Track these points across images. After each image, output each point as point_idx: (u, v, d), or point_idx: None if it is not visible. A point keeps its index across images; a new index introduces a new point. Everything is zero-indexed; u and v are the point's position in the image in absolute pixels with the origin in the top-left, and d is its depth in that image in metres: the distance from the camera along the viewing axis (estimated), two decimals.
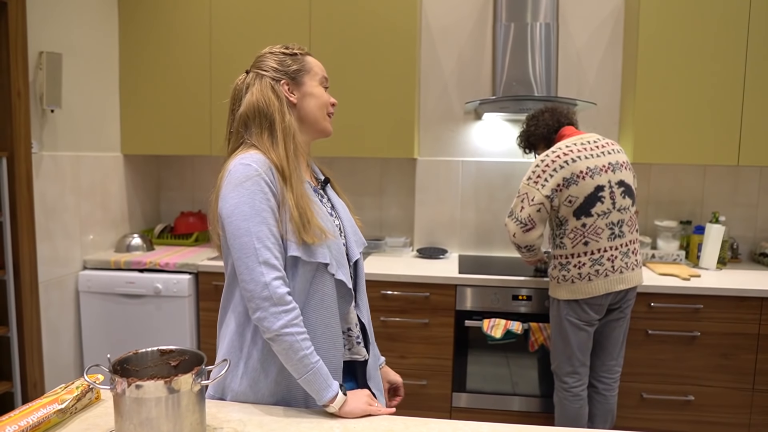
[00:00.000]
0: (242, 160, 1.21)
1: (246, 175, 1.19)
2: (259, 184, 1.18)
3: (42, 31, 2.47)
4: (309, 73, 1.35)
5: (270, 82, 1.30)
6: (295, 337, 1.16)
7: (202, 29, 2.92)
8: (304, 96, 1.33)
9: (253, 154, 1.22)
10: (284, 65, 1.33)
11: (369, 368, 1.39)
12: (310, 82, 1.35)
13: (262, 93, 1.28)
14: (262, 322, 1.17)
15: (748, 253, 3.06)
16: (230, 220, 1.18)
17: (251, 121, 1.28)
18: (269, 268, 1.16)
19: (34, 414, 1.10)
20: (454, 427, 1.17)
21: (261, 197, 1.18)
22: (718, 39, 2.62)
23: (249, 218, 1.17)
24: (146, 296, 2.72)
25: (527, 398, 2.65)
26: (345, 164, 3.27)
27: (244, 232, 1.17)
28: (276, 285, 1.16)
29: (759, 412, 2.50)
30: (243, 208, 1.17)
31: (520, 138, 2.49)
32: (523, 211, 2.22)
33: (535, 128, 2.39)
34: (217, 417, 1.19)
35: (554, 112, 2.38)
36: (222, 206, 1.20)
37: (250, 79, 1.32)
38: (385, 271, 2.66)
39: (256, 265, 1.16)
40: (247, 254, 1.16)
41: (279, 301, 1.16)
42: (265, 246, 1.17)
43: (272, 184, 1.20)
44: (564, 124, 2.36)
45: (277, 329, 1.16)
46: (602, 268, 2.17)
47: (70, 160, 2.68)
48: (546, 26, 2.81)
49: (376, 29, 2.81)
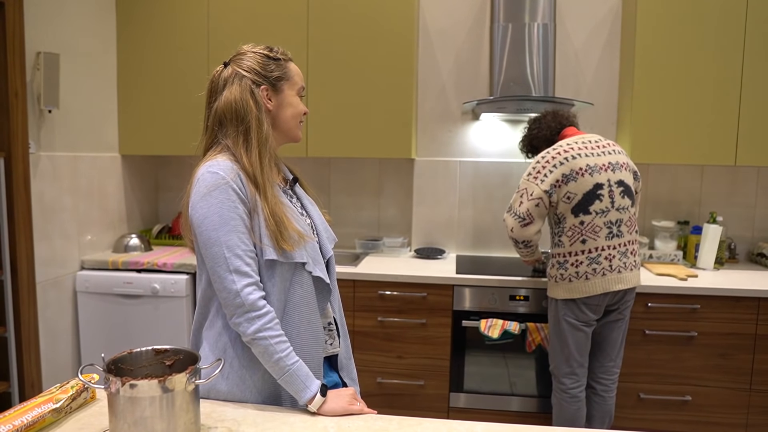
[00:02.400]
0: (210, 168, 1.21)
1: (214, 183, 1.19)
2: (226, 192, 1.19)
3: (39, 31, 2.47)
4: (289, 81, 1.34)
5: (250, 85, 1.28)
6: (269, 341, 1.19)
7: (200, 29, 2.93)
8: (281, 104, 1.32)
9: (221, 161, 1.22)
10: (267, 69, 1.30)
11: (341, 359, 1.43)
12: (289, 91, 1.34)
13: (241, 95, 1.26)
14: (238, 327, 1.20)
15: (745, 253, 3.06)
16: (200, 230, 1.20)
17: (227, 121, 1.27)
18: (240, 276, 1.18)
19: (29, 413, 1.10)
20: (449, 426, 1.17)
21: (229, 206, 1.19)
22: (715, 39, 2.62)
23: (218, 228, 1.18)
24: (144, 296, 2.72)
25: (525, 398, 2.65)
26: (343, 164, 3.27)
27: (214, 241, 1.19)
28: (247, 292, 1.18)
29: (756, 412, 2.50)
30: (212, 217, 1.19)
31: (523, 142, 2.50)
32: (521, 205, 2.22)
33: (538, 131, 2.41)
34: (211, 416, 1.19)
35: (556, 114, 2.40)
36: (192, 215, 1.22)
37: (228, 75, 1.30)
38: (382, 272, 2.66)
39: (227, 273, 1.18)
40: (218, 263, 1.19)
41: (251, 307, 1.18)
42: (234, 254, 1.18)
43: (241, 191, 1.21)
44: (566, 126, 2.37)
45: (251, 334, 1.19)
46: (600, 267, 2.17)
47: (67, 161, 2.68)
48: (543, 27, 2.81)
49: (373, 30, 2.81)
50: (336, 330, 1.42)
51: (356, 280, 2.66)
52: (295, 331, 1.26)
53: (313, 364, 1.29)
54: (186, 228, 1.29)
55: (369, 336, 2.68)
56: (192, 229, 1.23)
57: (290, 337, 1.25)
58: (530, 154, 2.49)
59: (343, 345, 1.44)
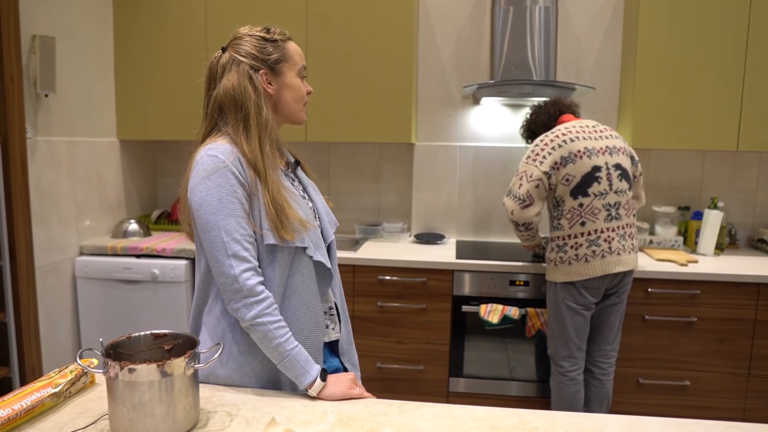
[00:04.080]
0: (209, 151, 1.20)
1: (213, 166, 1.18)
2: (225, 175, 1.18)
3: (35, 14, 2.44)
4: (289, 62, 1.30)
5: (248, 70, 1.24)
6: (268, 327, 1.18)
7: (198, 11, 2.89)
8: (281, 87, 1.29)
9: (220, 145, 1.21)
10: (264, 53, 1.27)
11: (341, 343, 1.42)
12: (289, 72, 1.30)
13: (239, 82, 1.23)
14: (236, 312, 1.19)
15: (746, 238, 3.05)
16: (199, 214, 1.19)
17: (227, 108, 1.25)
18: (238, 261, 1.17)
19: (28, 398, 1.10)
20: (448, 410, 1.17)
21: (228, 189, 1.17)
22: (718, 24, 2.59)
23: (217, 211, 1.17)
24: (143, 282, 2.72)
25: (524, 383, 2.66)
26: (343, 149, 3.25)
27: (213, 225, 1.17)
28: (245, 277, 1.17)
29: (754, 397, 2.51)
30: (210, 201, 1.17)
31: (523, 128, 2.53)
32: (521, 187, 2.23)
33: (537, 116, 2.44)
34: (210, 401, 1.19)
35: (556, 101, 2.43)
36: (190, 199, 1.20)
37: (226, 61, 1.27)
38: (382, 257, 2.65)
39: (225, 258, 1.17)
40: (216, 248, 1.17)
41: (249, 292, 1.17)
42: (233, 239, 1.17)
43: (240, 174, 1.19)
44: (564, 113, 2.40)
45: (249, 319, 1.18)
46: (599, 249, 2.18)
47: (65, 145, 2.66)
48: (545, 9, 2.78)
49: (373, 13, 2.77)
50: (337, 315, 1.41)
51: (356, 265, 2.66)
52: (295, 316, 1.26)
53: (313, 348, 1.28)
54: (184, 212, 1.28)
55: (369, 321, 2.69)
56: (191, 213, 1.22)
57: (290, 321, 1.25)
58: (529, 139, 2.51)
59: (344, 330, 1.44)
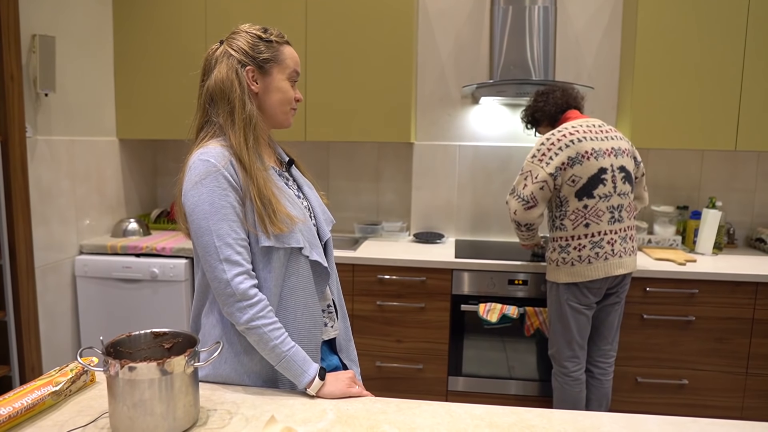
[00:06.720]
0: (201, 156, 1.20)
1: (205, 171, 1.18)
2: (218, 180, 1.18)
3: (34, 13, 2.44)
4: (280, 65, 1.29)
5: (236, 65, 1.25)
6: (263, 329, 1.19)
7: (198, 11, 2.89)
8: (267, 88, 1.29)
9: (212, 149, 1.21)
10: (255, 50, 1.26)
11: (339, 340, 1.42)
12: (278, 75, 1.29)
13: (227, 75, 1.24)
14: (231, 317, 1.20)
15: (744, 238, 3.06)
16: (192, 219, 1.19)
17: (217, 99, 1.25)
18: (230, 265, 1.18)
19: (29, 396, 1.10)
20: (447, 408, 1.17)
21: (220, 194, 1.18)
22: (717, 23, 2.59)
23: (209, 216, 1.17)
24: (143, 281, 2.72)
25: (524, 382, 2.66)
26: (341, 148, 3.26)
27: (205, 230, 1.18)
28: (238, 281, 1.18)
29: (752, 396, 2.52)
30: (203, 206, 1.18)
31: (526, 112, 2.44)
32: (526, 188, 2.21)
33: (544, 104, 2.35)
34: (210, 399, 1.19)
35: (566, 92, 2.35)
36: (184, 203, 1.21)
37: (220, 53, 1.28)
38: (381, 256, 2.66)
39: (217, 263, 1.17)
40: (209, 252, 1.18)
41: (242, 296, 1.18)
42: (225, 243, 1.17)
43: (233, 178, 1.19)
44: (572, 107, 2.34)
45: (244, 323, 1.19)
46: (602, 251, 2.17)
47: (65, 145, 2.66)
48: (544, 9, 2.78)
49: (373, 12, 2.78)
50: (335, 312, 1.41)
51: (355, 264, 2.66)
52: (293, 317, 1.26)
53: (311, 348, 1.29)
54: (180, 216, 1.28)
55: (368, 320, 2.69)
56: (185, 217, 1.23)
57: (287, 322, 1.25)
58: (530, 125, 2.45)
59: (342, 327, 1.44)
